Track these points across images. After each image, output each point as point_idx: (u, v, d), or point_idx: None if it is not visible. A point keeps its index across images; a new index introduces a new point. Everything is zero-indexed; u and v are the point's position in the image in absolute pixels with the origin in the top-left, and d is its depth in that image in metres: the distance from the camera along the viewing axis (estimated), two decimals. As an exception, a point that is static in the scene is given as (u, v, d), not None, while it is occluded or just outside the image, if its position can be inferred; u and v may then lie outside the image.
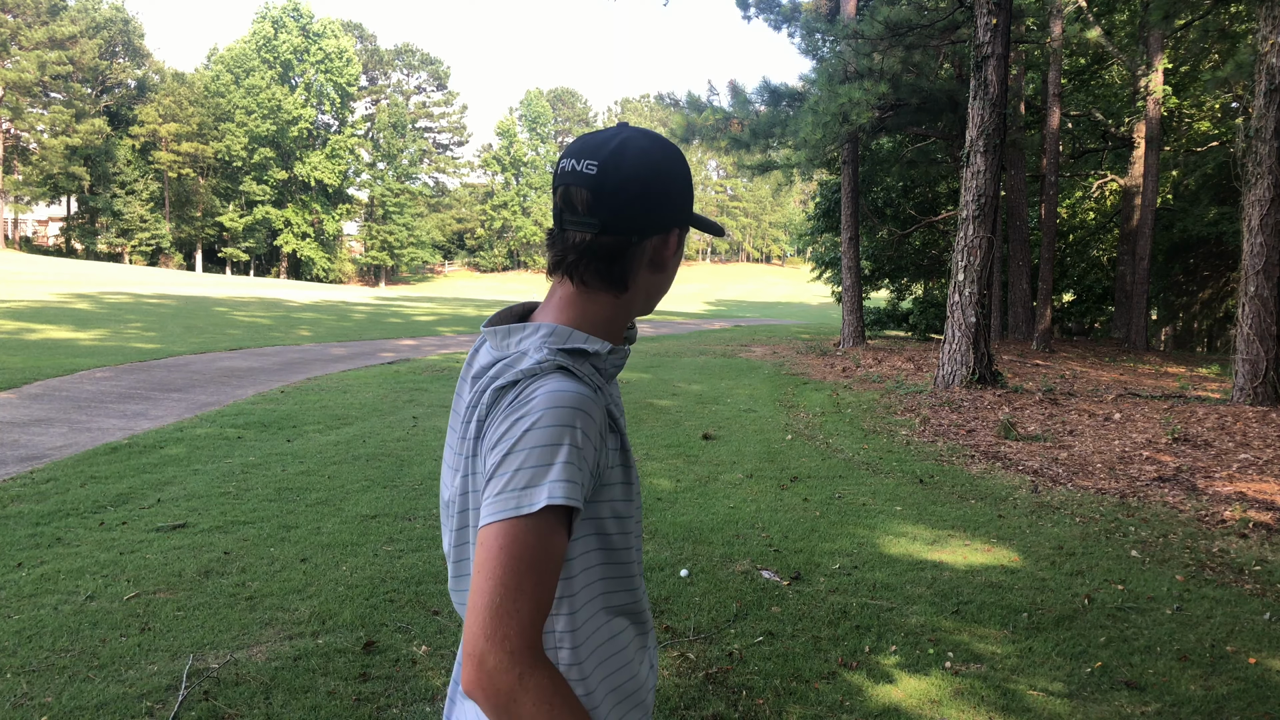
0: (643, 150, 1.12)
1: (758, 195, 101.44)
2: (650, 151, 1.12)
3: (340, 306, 29.16)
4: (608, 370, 1.15)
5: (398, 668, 3.33)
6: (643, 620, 1.21)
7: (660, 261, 1.16)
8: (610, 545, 1.13)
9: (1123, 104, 22.76)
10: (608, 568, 1.14)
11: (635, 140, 1.12)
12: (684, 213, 1.17)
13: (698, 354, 16.82)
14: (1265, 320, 9.41)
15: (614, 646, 1.15)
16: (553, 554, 0.96)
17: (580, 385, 1.05)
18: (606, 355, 1.13)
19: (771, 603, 4.09)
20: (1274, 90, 9.30)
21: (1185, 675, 3.44)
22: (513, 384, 1.05)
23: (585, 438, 1.01)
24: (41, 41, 58.04)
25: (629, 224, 1.11)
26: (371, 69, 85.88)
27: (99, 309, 21.49)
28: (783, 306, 55.28)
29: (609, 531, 1.13)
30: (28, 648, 3.39)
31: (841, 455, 7.65)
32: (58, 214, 69.33)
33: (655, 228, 1.14)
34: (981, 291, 10.79)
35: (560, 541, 0.97)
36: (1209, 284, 27.27)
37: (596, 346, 1.11)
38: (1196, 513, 5.87)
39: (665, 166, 1.13)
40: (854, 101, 14.45)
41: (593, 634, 1.12)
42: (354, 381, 11.44)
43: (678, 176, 1.15)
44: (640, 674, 1.19)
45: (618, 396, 1.23)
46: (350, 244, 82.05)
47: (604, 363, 1.13)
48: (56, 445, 6.98)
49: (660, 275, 1.18)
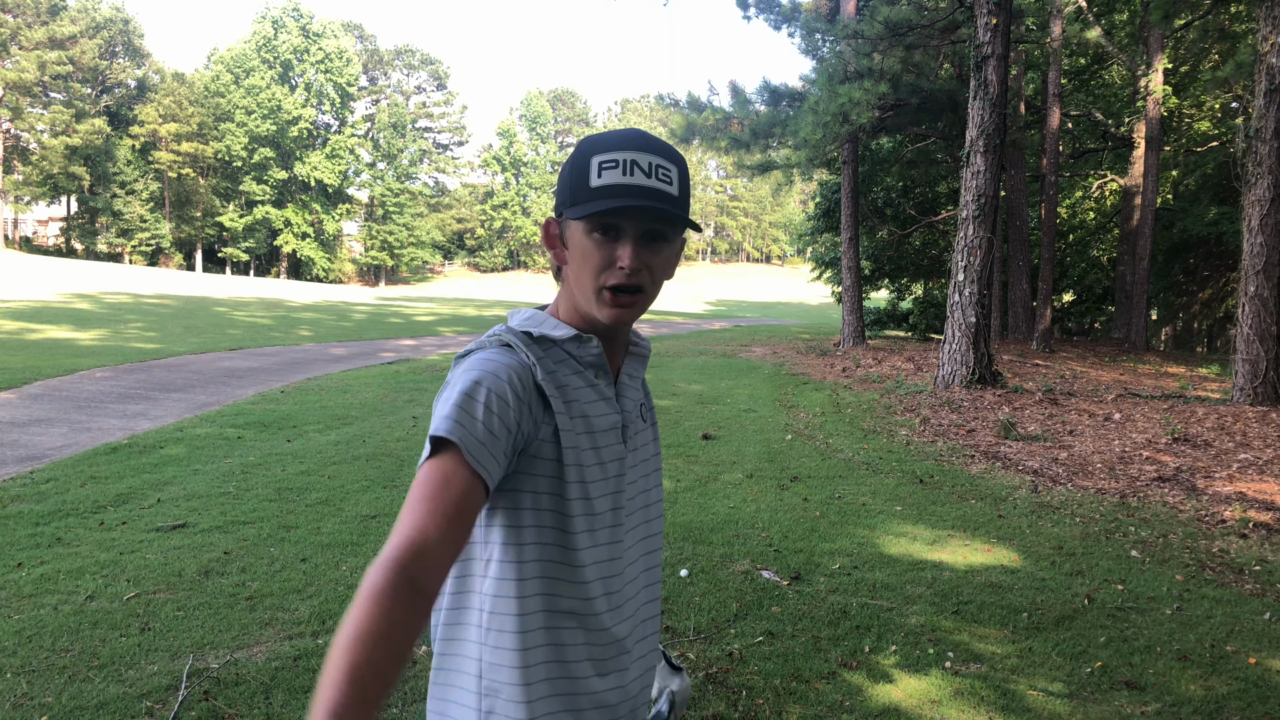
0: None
1: (758, 195, 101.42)
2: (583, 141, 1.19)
3: (340, 306, 29.16)
4: (584, 359, 1.18)
5: (398, 668, 3.32)
6: (601, 630, 1.17)
7: (550, 252, 1.21)
8: (559, 540, 1.13)
9: (1123, 104, 22.75)
10: (554, 565, 1.13)
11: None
12: (557, 200, 1.18)
13: (698, 354, 16.82)
14: (1265, 320, 9.41)
15: (556, 653, 1.14)
16: (447, 486, 1.00)
17: (508, 356, 1.12)
18: (567, 341, 1.17)
19: (771, 603, 4.09)
20: (1274, 90, 9.30)
21: (1185, 675, 3.44)
22: (468, 353, 1.15)
23: (487, 392, 1.06)
24: (41, 41, 58.03)
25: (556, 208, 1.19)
26: (371, 69, 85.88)
27: (99, 309, 21.49)
28: (783, 306, 55.28)
29: (549, 524, 1.13)
30: (28, 648, 3.39)
31: (841, 455, 7.65)
32: (58, 214, 69.35)
33: (558, 211, 1.19)
34: (981, 291, 10.79)
35: (458, 481, 1.00)
36: (1209, 284, 27.27)
37: (552, 331, 1.17)
38: (1196, 513, 5.87)
39: (570, 157, 1.18)
40: (854, 101, 14.46)
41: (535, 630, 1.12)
42: (354, 381, 11.44)
43: (570, 162, 1.17)
44: (585, 685, 1.16)
45: (623, 395, 1.22)
46: (350, 244, 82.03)
47: (575, 350, 1.18)
48: (56, 445, 6.98)
49: (569, 268, 1.18)
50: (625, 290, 1.13)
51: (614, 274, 1.13)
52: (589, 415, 1.17)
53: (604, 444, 1.18)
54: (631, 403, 1.25)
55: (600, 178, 1.12)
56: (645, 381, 1.37)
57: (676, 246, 1.19)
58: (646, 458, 1.29)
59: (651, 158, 1.13)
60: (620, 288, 1.13)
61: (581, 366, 1.18)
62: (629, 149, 1.12)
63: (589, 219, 1.12)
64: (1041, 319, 18.73)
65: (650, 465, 1.30)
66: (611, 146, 1.13)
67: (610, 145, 1.13)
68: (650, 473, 1.30)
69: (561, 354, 1.17)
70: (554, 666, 1.14)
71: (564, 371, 1.16)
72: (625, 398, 1.24)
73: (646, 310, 1.18)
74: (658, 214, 1.11)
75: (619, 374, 1.25)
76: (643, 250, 1.13)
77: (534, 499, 1.12)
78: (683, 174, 1.16)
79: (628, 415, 1.24)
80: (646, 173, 1.12)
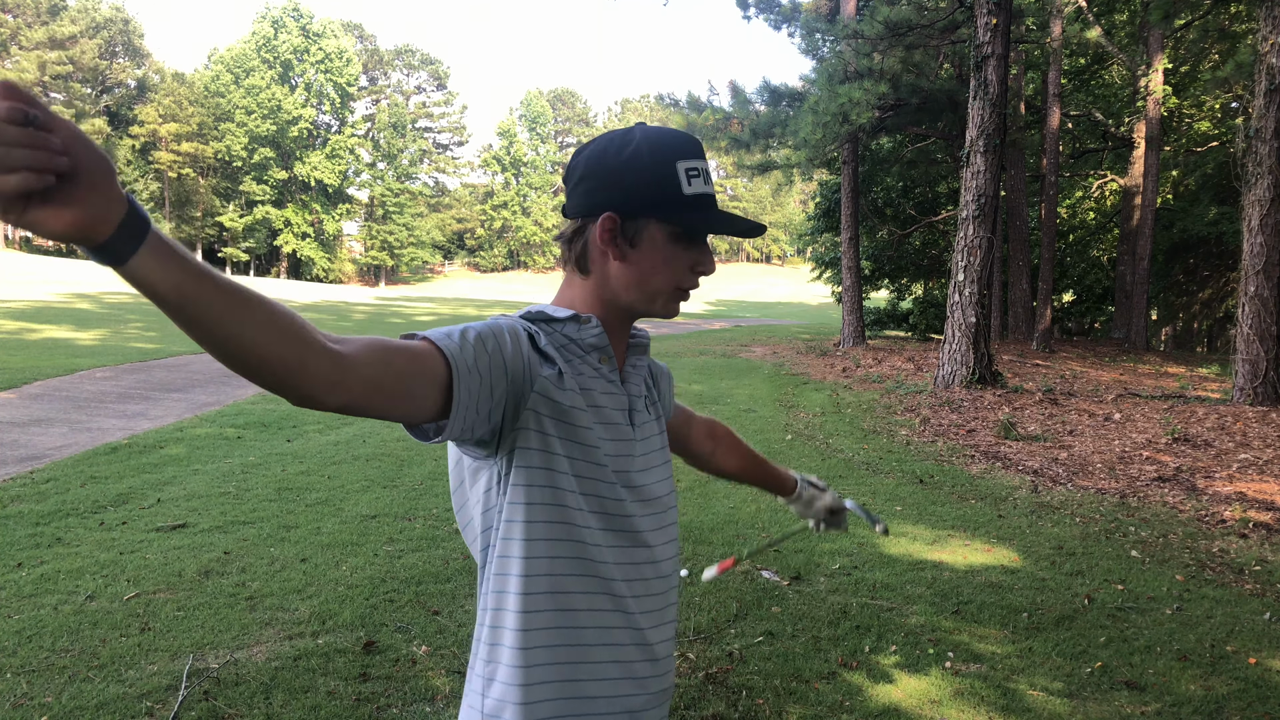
0: (607, 137, 1.17)
1: (758, 195, 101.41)
2: (610, 137, 1.17)
3: (340, 306, 29.17)
4: (584, 342, 1.18)
5: (398, 668, 3.33)
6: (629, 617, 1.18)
7: (603, 248, 1.16)
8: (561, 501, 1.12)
9: (1123, 104, 22.76)
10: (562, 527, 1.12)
11: (620, 131, 1.19)
12: (620, 197, 1.14)
13: (698, 354, 16.82)
14: (1265, 320, 9.41)
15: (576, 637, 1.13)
16: (410, 351, 0.97)
17: (504, 319, 1.12)
18: (564, 321, 1.17)
19: (771, 603, 4.09)
20: (1274, 90, 9.30)
21: (1185, 675, 3.44)
22: None
23: (487, 332, 1.05)
24: (41, 41, 58.03)
25: (575, 204, 1.18)
26: (371, 69, 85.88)
27: (99, 309, 21.49)
28: (783, 306, 55.27)
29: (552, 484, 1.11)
30: (28, 648, 3.39)
31: (841, 455, 7.65)
32: (58, 214, 69.31)
33: (593, 209, 1.15)
34: (981, 291, 10.78)
35: (425, 357, 0.98)
36: (1209, 284, 27.27)
37: (551, 312, 1.18)
38: (1196, 513, 5.87)
39: (609, 150, 1.15)
40: (854, 101, 14.45)
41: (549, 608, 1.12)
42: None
43: (621, 158, 1.14)
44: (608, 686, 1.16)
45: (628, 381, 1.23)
46: (350, 244, 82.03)
47: (575, 333, 1.18)
48: (56, 445, 6.98)
49: (625, 266, 1.16)
50: (687, 290, 1.21)
51: (691, 278, 1.19)
52: (593, 389, 1.16)
53: (610, 420, 1.18)
54: (637, 390, 1.25)
55: (691, 186, 1.15)
56: (653, 375, 1.38)
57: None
58: (655, 449, 1.28)
59: (707, 165, 1.20)
60: (690, 288, 1.20)
61: (583, 351, 1.18)
62: (701, 157, 1.18)
63: (677, 224, 1.15)
64: (1041, 319, 18.73)
65: (660, 457, 1.29)
66: (690, 154, 1.16)
67: (689, 152, 1.16)
68: (660, 464, 1.28)
69: (562, 339, 1.17)
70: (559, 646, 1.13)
71: (568, 351, 1.17)
72: (630, 383, 1.25)
73: None
74: (750, 231, 1.19)
75: (624, 364, 1.26)
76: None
77: (542, 457, 1.10)
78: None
79: (634, 400, 1.24)
80: (710, 181, 1.18)
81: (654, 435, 1.29)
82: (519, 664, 1.11)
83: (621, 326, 1.23)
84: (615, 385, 1.21)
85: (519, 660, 1.11)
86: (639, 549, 1.20)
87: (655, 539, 1.24)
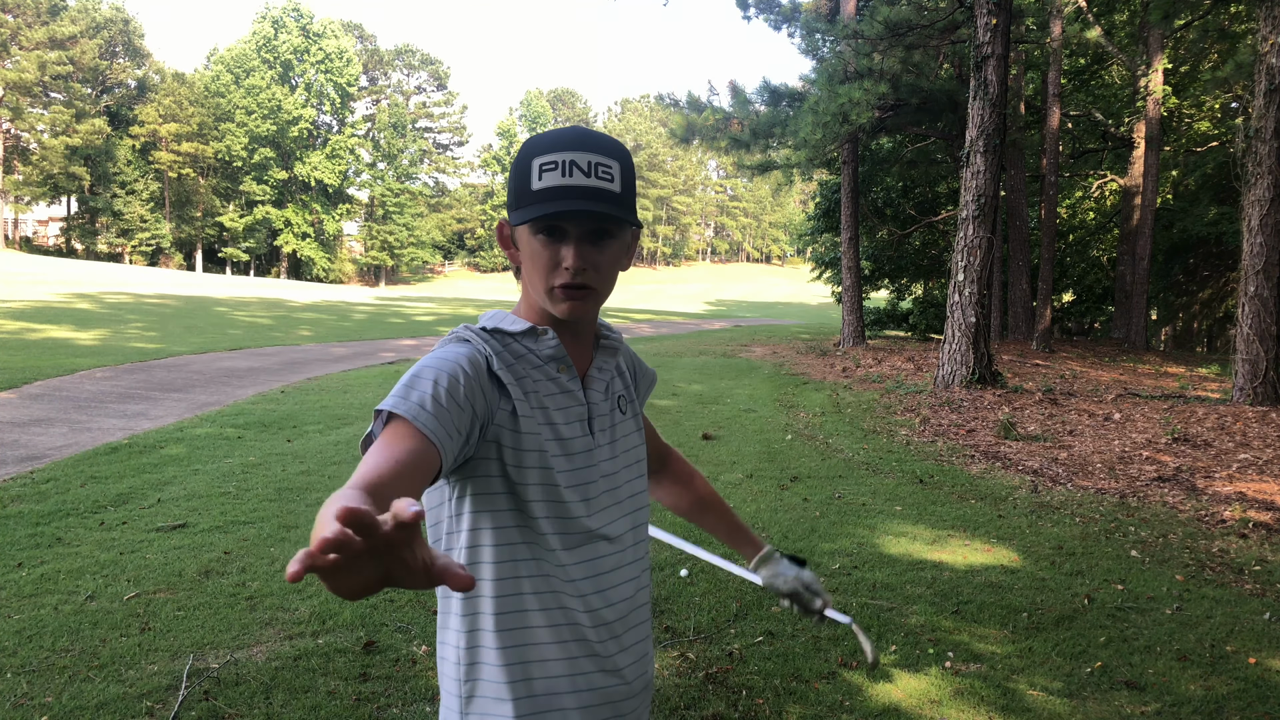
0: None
1: (758, 195, 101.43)
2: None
3: (341, 306, 29.17)
4: (541, 353, 1.20)
5: (398, 668, 3.33)
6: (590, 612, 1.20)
7: (506, 253, 1.23)
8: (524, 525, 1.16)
9: (1123, 104, 22.75)
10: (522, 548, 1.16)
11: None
12: (509, 204, 1.19)
13: (698, 354, 16.82)
14: (1265, 320, 9.41)
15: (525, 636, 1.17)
16: (398, 440, 1.01)
17: (462, 347, 1.15)
18: (519, 334, 1.21)
19: (772, 603, 4.09)
20: (1274, 90, 9.30)
21: (1185, 675, 3.44)
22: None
23: (440, 374, 1.08)
24: (41, 41, 58.03)
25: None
26: (371, 69, 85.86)
27: (100, 309, 21.49)
28: (783, 306, 55.27)
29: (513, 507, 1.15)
30: (28, 648, 3.39)
31: (841, 455, 7.65)
32: (58, 214, 69.34)
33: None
34: (981, 291, 10.79)
35: (409, 439, 1.01)
36: (1209, 284, 27.27)
37: (511, 327, 1.20)
38: (1196, 513, 5.87)
39: (514, 159, 1.19)
40: (854, 101, 14.45)
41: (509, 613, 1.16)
42: (354, 381, 11.44)
43: (512, 168, 1.19)
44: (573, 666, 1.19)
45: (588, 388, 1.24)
46: (350, 244, 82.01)
47: (532, 345, 1.21)
48: (56, 445, 6.98)
49: (523, 269, 1.20)
50: (574, 288, 1.15)
51: (560, 274, 1.15)
52: (548, 406, 1.18)
53: (568, 435, 1.19)
54: (600, 395, 1.26)
55: (541, 180, 1.13)
56: (632, 371, 1.38)
57: (625, 241, 1.21)
58: (628, 449, 1.29)
59: (591, 156, 1.13)
60: (568, 286, 1.15)
61: (540, 360, 1.20)
62: (568, 149, 1.13)
63: (532, 223, 1.13)
64: (1041, 319, 18.73)
65: (633, 456, 1.30)
66: (551, 147, 1.13)
67: (549, 146, 1.13)
68: (633, 463, 1.30)
69: (521, 349, 1.20)
70: (532, 649, 1.16)
71: (523, 366, 1.19)
72: (592, 389, 1.25)
73: (602, 303, 1.20)
74: (597, 216, 1.11)
75: (589, 367, 1.26)
76: (587, 249, 1.14)
77: (500, 482, 1.14)
78: (625, 169, 1.16)
79: (594, 407, 1.24)
80: (586, 172, 1.12)
81: (623, 436, 1.29)
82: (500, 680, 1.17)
83: (572, 331, 1.24)
84: (574, 394, 1.22)
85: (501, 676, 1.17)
86: (603, 558, 1.23)
87: (624, 541, 1.26)
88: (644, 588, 1.31)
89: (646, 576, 1.33)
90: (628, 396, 1.33)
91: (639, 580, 1.29)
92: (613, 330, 1.33)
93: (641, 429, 1.36)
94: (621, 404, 1.31)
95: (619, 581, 1.25)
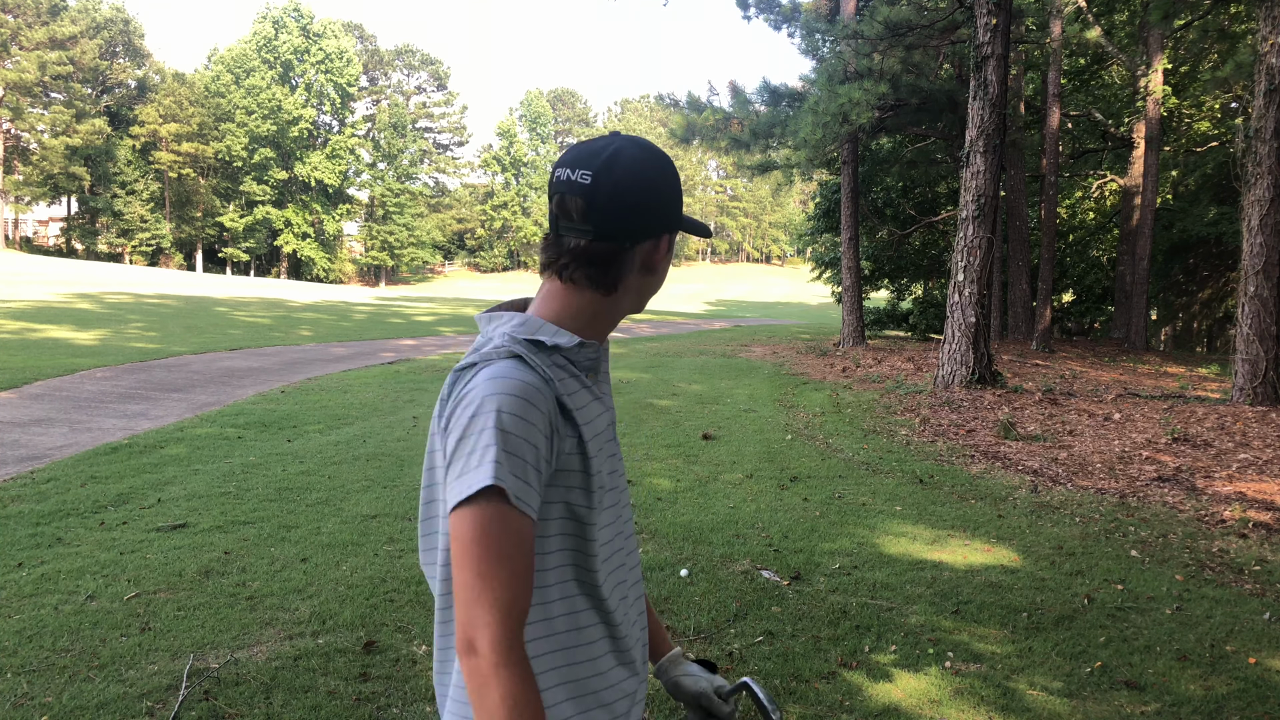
0: (634, 160, 1.16)
1: (758, 195, 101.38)
2: (641, 161, 1.16)
3: (341, 306, 29.17)
4: (581, 363, 1.18)
5: (398, 668, 3.33)
6: (613, 626, 1.20)
7: (651, 265, 1.21)
8: (576, 545, 1.16)
9: (1123, 104, 22.75)
10: (575, 569, 1.17)
11: (626, 150, 1.16)
12: (673, 218, 1.21)
13: (698, 354, 16.82)
14: (1265, 320, 9.41)
15: (578, 638, 1.16)
16: (516, 536, 1.01)
17: (526, 373, 1.08)
18: (573, 349, 1.15)
19: (771, 603, 4.09)
20: (1274, 90, 9.30)
21: (1185, 675, 3.45)
22: (470, 365, 1.12)
23: (519, 421, 1.04)
24: (42, 42, 58.03)
25: (622, 231, 1.16)
26: (371, 69, 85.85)
27: (100, 309, 21.49)
28: (783, 306, 55.27)
29: (570, 531, 1.15)
30: (28, 648, 3.39)
31: (841, 455, 7.65)
32: (58, 214, 69.32)
33: (646, 234, 1.19)
34: (981, 291, 10.79)
35: (519, 523, 1.01)
36: (1209, 284, 27.27)
37: (561, 340, 1.14)
38: (1196, 513, 5.87)
39: (655, 175, 1.17)
40: (854, 101, 14.45)
41: (555, 619, 1.15)
42: (354, 381, 11.45)
43: (668, 184, 1.19)
44: (608, 677, 1.18)
45: (604, 393, 1.24)
46: (350, 244, 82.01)
47: (576, 355, 1.17)
48: (57, 445, 6.99)
49: (651, 277, 1.23)
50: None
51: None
52: (593, 420, 1.19)
53: (605, 445, 1.21)
54: (610, 399, 1.28)
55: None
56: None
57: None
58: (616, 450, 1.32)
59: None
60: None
61: (578, 370, 1.19)
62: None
63: (686, 231, 1.25)
64: (1041, 319, 18.73)
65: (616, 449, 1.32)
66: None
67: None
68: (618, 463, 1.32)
69: (562, 359, 1.16)
70: (575, 668, 1.16)
71: (566, 378, 1.15)
72: (607, 395, 1.27)
73: None
74: (703, 230, 1.29)
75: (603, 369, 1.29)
76: None
77: (562, 508, 1.14)
78: None
79: (612, 411, 1.27)
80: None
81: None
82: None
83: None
84: (603, 402, 1.23)
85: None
86: (624, 552, 1.26)
87: (631, 543, 1.30)
88: (639, 580, 1.35)
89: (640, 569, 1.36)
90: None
91: (636, 569, 1.33)
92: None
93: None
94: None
95: (635, 580, 1.29)
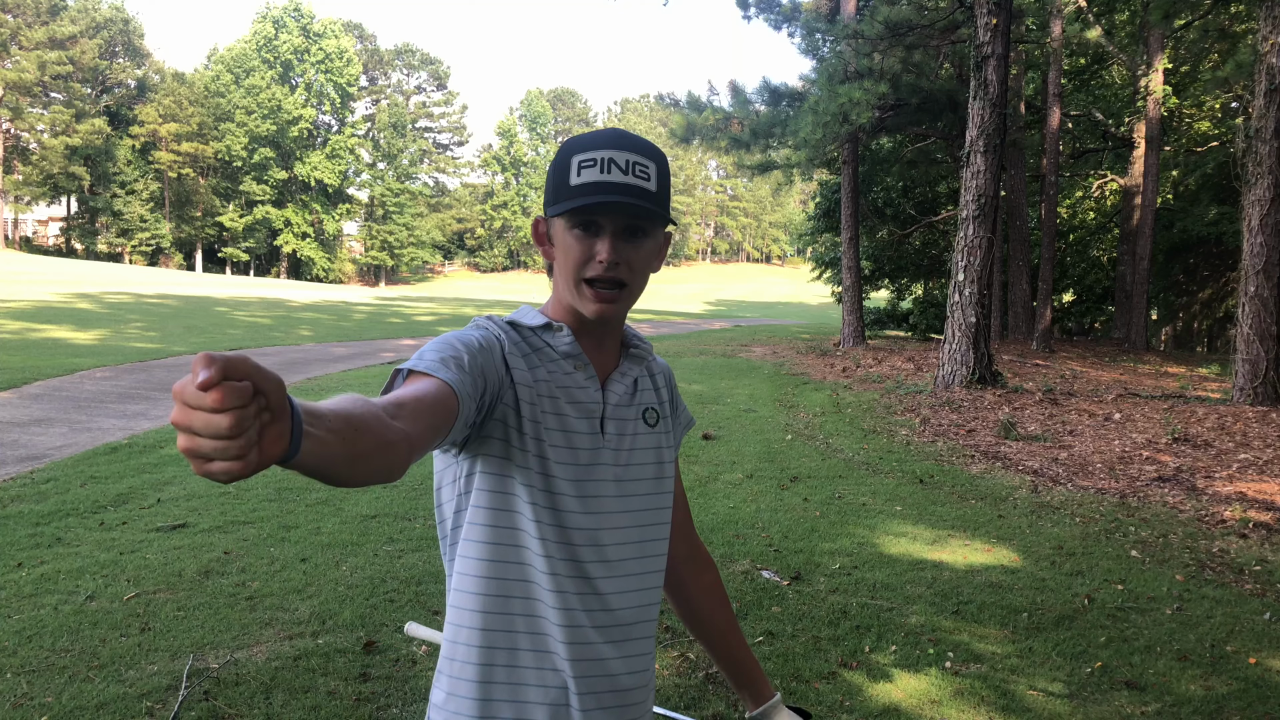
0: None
1: (758, 195, 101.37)
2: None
3: (341, 306, 29.16)
4: (556, 348, 1.22)
5: (398, 668, 3.33)
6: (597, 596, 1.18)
7: (540, 249, 1.26)
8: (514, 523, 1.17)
9: (1123, 104, 22.75)
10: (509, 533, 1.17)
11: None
12: (546, 199, 1.22)
13: (698, 354, 16.82)
14: (1265, 320, 9.40)
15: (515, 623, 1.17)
16: (410, 385, 1.01)
17: (476, 331, 1.17)
18: (535, 328, 1.22)
19: (771, 603, 4.09)
20: (1274, 90, 9.30)
21: (1185, 675, 3.44)
22: None
23: (453, 341, 1.09)
24: (41, 41, 58.03)
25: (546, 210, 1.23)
26: (371, 69, 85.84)
27: (100, 309, 21.49)
28: (783, 306, 55.26)
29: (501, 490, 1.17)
30: (28, 648, 3.39)
31: (841, 455, 7.65)
32: (58, 214, 69.29)
33: (548, 213, 1.22)
34: (981, 291, 10.78)
35: (426, 382, 1.01)
36: (1209, 284, 27.26)
37: (528, 320, 1.23)
38: (1196, 513, 5.87)
39: (554, 157, 1.21)
40: (854, 101, 14.45)
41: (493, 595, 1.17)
42: (355, 381, 11.44)
43: (551, 165, 1.21)
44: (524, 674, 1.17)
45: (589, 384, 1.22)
46: (350, 244, 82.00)
47: (549, 338, 1.22)
48: (56, 445, 6.98)
49: (555, 264, 1.22)
50: (605, 284, 1.16)
51: (592, 267, 1.15)
52: (558, 398, 1.19)
53: (574, 428, 1.19)
54: (619, 398, 1.25)
55: (579, 176, 1.15)
56: (671, 396, 1.37)
57: (658, 241, 1.22)
58: (642, 462, 1.26)
59: (629, 155, 1.16)
60: (599, 280, 1.16)
61: (557, 356, 1.22)
62: (607, 147, 1.16)
63: (568, 215, 1.16)
64: (1041, 319, 18.73)
65: (647, 471, 1.26)
66: (590, 146, 1.16)
67: (589, 145, 1.16)
68: (645, 478, 1.26)
69: (539, 342, 1.22)
70: (510, 636, 1.17)
71: (538, 358, 1.20)
72: (610, 390, 1.24)
73: (632, 305, 1.21)
74: (633, 210, 1.13)
75: (612, 370, 1.26)
76: (622, 245, 1.16)
77: (497, 463, 1.15)
78: (661, 170, 1.18)
79: (610, 409, 1.23)
80: (624, 169, 1.14)
81: (641, 448, 1.26)
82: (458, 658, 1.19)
83: (593, 331, 1.23)
84: (588, 390, 1.21)
85: (457, 655, 1.19)
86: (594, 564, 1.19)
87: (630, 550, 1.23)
88: (652, 604, 1.27)
89: (657, 594, 1.28)
90: (660, 412, 1.31)
91: (648, 594, 1.26)
92: (644, 341, 1.31)
93: (671, 448, 1.33)
94: (649, 416, 1.29)
95: (619, 590, 1.21)
